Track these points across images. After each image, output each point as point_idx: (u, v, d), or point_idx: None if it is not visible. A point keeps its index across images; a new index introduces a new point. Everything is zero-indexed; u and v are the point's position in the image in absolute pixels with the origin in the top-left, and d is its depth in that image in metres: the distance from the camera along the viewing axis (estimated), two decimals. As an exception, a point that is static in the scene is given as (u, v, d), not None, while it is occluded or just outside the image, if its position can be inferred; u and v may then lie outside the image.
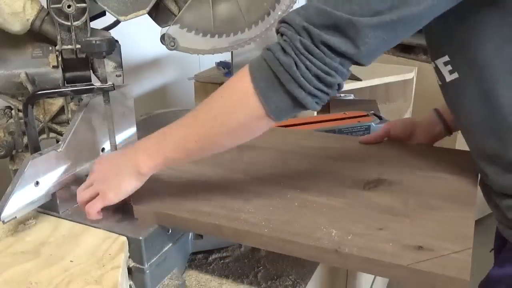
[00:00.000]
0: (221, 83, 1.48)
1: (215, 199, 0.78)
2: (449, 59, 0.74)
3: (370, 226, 0.69)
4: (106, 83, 0.85)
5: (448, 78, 0.75)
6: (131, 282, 0.75)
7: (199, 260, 0.87)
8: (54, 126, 1.00)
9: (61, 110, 0.99)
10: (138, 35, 1.53)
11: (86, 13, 0.91)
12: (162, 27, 1.03)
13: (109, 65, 0.99)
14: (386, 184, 0.82)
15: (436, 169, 0.87)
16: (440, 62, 0.76)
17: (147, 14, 0.98)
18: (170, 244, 0.80)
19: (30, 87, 0.91)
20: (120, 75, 1.00)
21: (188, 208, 0.76)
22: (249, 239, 0.70)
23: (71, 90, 0.82)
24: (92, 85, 0.82)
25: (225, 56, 1.36)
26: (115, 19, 0.99)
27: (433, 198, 0.76)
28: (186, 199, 0.78)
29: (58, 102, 0.98)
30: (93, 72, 0.97)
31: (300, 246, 0.66)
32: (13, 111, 0.95)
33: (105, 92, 0.84)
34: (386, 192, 0.79)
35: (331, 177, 0.85)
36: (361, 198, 0.77)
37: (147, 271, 0.75)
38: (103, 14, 1.07)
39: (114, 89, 0.84)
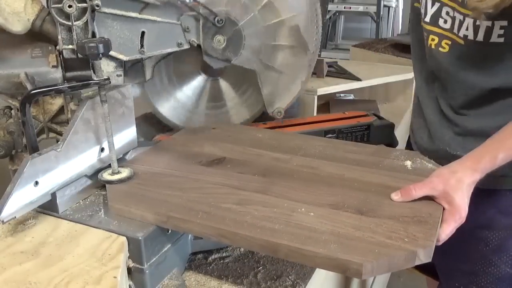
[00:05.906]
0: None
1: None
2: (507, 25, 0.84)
3: None
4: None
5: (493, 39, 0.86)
6: (131, 282, 0.75)
7: (198, 260, 0.87)
8: (54, 126, 1.00)
9: (61, 110, 0.99)
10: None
11: (87, 13, 0.91)
12: None
13: (110, 65, 0.99)
14: None
15: None
16: (497, 24, 0.84)
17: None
18: (170, 244, 0.80)
19: (29, 87, 0.91)
20: (120, 75, 1.00)
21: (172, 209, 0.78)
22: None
23: (68, 87, 0.82)
24: (88, 81, 0.82)
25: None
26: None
27: None
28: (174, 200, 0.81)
29: (58, 102, 0.98)
30: (94, 72, 0.97)
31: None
32: (12, 111, 0.95)
33: (101, 87, 0.83)
34: None
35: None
36: None
37: (147, 271, 0.75)
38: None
39: (110, 83, 0.83)
